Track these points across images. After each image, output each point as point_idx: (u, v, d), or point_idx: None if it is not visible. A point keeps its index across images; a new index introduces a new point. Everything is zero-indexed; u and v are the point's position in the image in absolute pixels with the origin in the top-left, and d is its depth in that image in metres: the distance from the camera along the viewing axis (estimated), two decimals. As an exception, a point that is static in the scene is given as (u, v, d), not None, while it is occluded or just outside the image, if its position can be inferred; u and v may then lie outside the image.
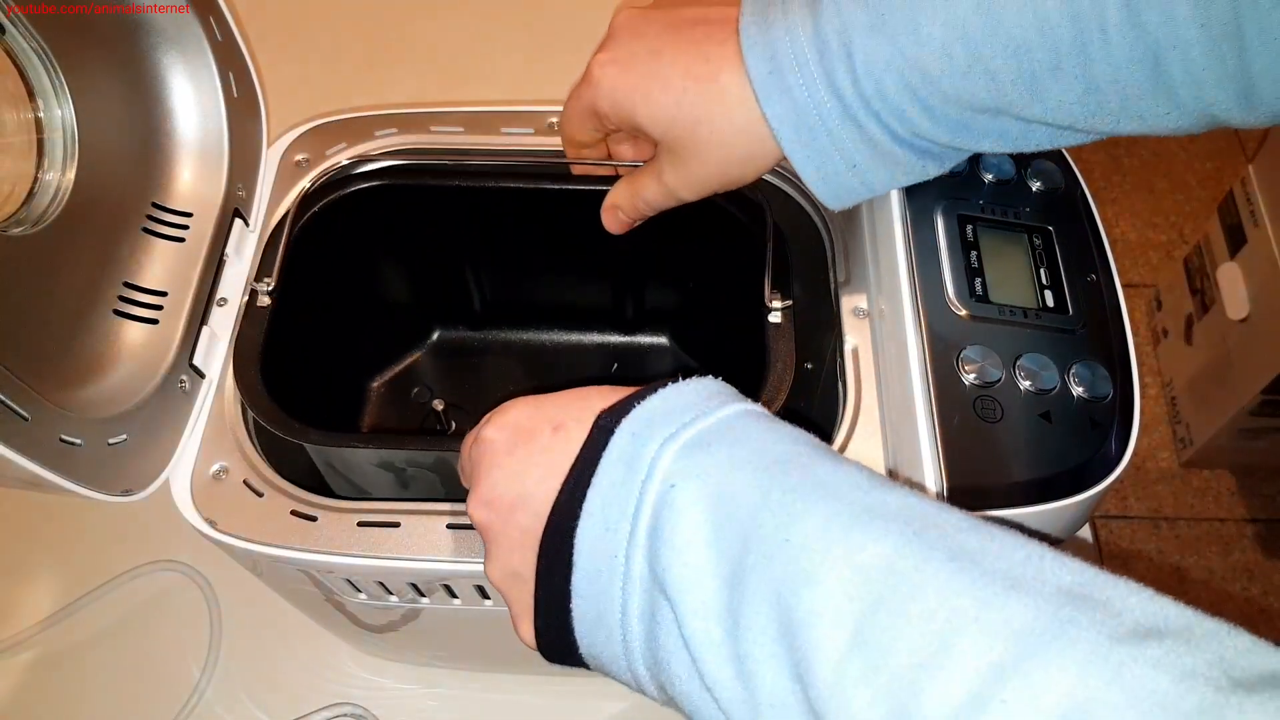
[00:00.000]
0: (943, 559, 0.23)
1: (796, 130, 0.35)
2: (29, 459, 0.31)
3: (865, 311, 0.42)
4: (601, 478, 0.28)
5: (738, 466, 0.27)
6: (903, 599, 0.23)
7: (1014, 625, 0.22)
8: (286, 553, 0.36)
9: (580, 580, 0.28)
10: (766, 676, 0.24)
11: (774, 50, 0.34)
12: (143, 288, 0.41)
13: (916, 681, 0.22)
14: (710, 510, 0.26)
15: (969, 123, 0.34)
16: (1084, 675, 0.20)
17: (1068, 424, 0.35)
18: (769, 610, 0.24)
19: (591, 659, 0.30)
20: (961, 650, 0.22)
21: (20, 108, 0.37)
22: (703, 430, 0.28)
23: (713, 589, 0.26)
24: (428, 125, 0.49)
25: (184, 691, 0.51)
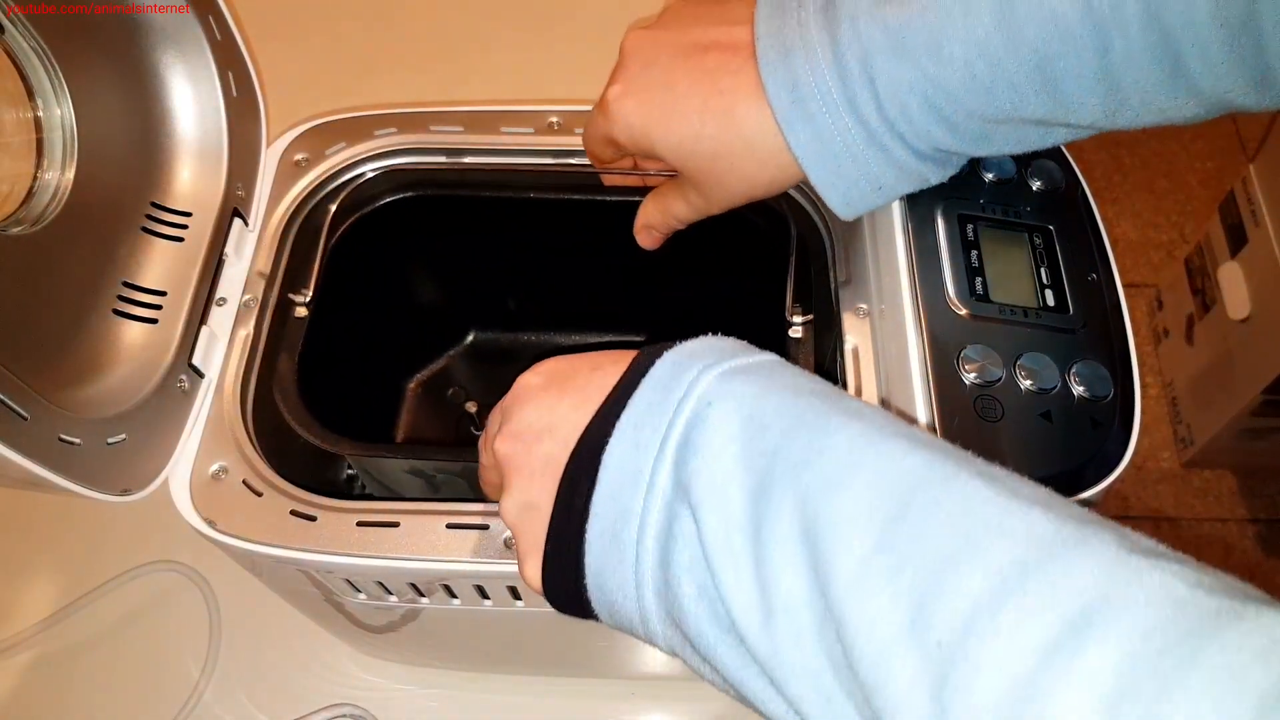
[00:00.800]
0: (970, 475, 0.24)
1: (821, 157, 0.35)
2: (28, 458, 0.31)
3: (865, 311, 0.42)
4: (638, 399, 0.29)
5: (773, 392, 0.27)
6: (931, 505, 0.24)
7: (1037, 532, 0.22)
8: (286, 553, 0.36)
9: (600, 498, 0.28)
10: (784, 581, 0.24)
11: (795, 79, 0.34)
12: (142, 287, 0.41)
13: (939, 576, 0.22)
14: (743, 427, 0.27)
15: (990, 133, 0.35)
16: (1105, 574, 0.21)
17: (1068, 424, 0.35)
18: (793, 516, 0.25)
19: (598, 593, 0.29)
20: (986, 549, 0.22)
21: (19, 107, 0.37)
22: (741, 364, 0.29)
23: (738, 499, 0.26)
24: (427, 125, 0.49)
25: (183, 692, 0.51)
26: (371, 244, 0.49)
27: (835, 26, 0.34)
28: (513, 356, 0.60)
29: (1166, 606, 0.20)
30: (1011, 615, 0.21)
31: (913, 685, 0.22)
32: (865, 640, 0.23)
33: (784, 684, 0.24)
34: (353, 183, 0.48)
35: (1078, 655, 0.20)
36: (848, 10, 0.34)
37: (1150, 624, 0.20)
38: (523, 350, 0.60)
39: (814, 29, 0.34)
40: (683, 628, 0.27)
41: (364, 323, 0.51)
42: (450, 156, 0.48)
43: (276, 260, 0.45)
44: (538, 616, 0.41)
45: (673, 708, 0.52)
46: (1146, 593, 0.20)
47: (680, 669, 0.50)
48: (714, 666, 0.27)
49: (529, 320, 0.60)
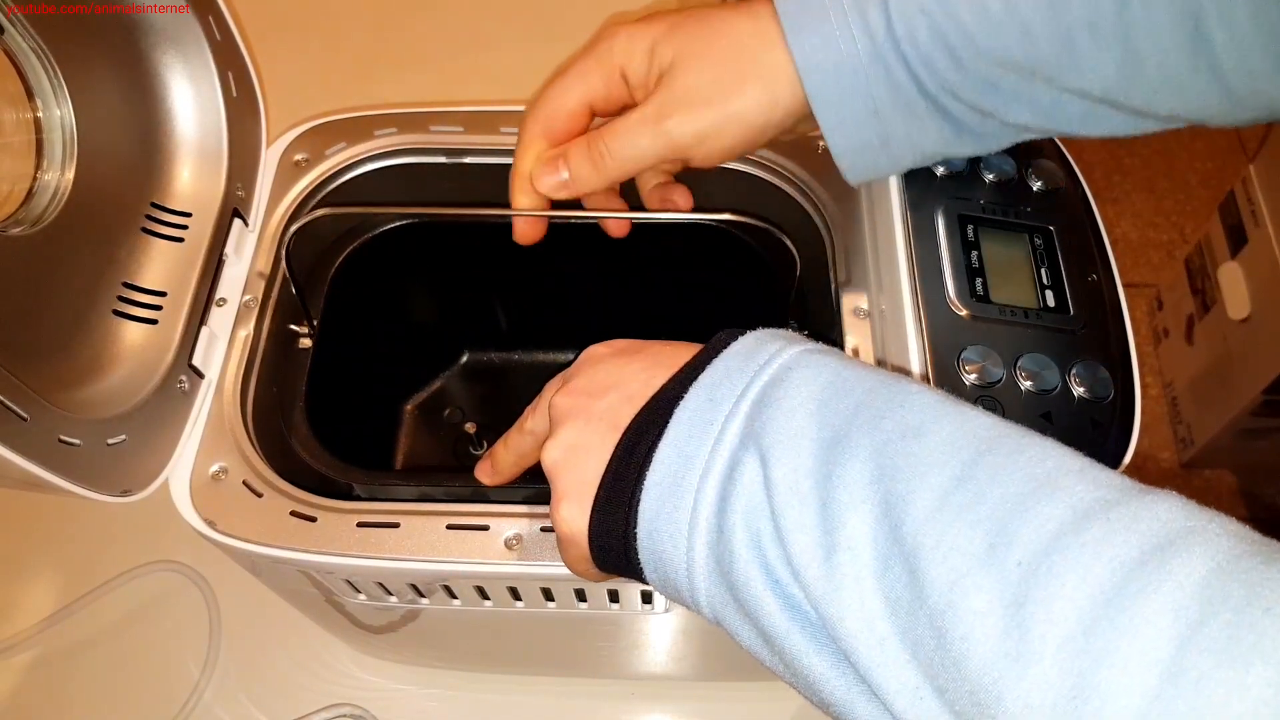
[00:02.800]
0: (1043, 437, 0.25)
1: (822, 70, 0.34)
2: (28, 459, 0.31)
3: (866, 311, 0.42)
4: (718, 364, 0.29)
5: (853, 366, 0.28)
6: (1012, 451, 0.24)
7: (1115, 481, 0.23)
8: (286, 553, 0.36)
9: (666, 445, 0.28)
10: (850, 519, 0.25)
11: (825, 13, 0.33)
12: (142, 288, 0.41)
13: (1021, 506, 0.23)
14: (823, 389, 0.27)
15: (999, 82, 0.33)
16: (1182, 512, 0.22)
17: (1068, 424, 0.35)
18: (868, 460, 0.25)
19: (648, 541, 0.28)
20: (1068, 488, 0.23)
21: (19, 108, 0.37)
22: (822, 347, 0.30)
23: (809, 450, 0.26)
24: (427, 125, 0.49)
25: (183, 692, 0.51)
26: (369, 272, 0.50)
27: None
28: (506, 376, 0.61)
29: (1243, 537, 0.21)
30: (1096, 534, 0.21)
31: (989, 605, 0.22)
32: (940, 567, 0.23)
33: (838, 623, 0.24)
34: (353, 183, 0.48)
35: (1163, 568, 0.20)
36: None
37: (1231, 547, 0.21)
38: (516, 370, 0.61)
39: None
40: (729, 578, 0.27)
41: (364, 349, 0.52)
42: (450, 156, 0.48)
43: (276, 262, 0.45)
44: (538, 616, 0.41)
45: (673, 708, 0.52)
46: (1223, 526, 0.21)
47: (680, 669, 0.50)
48: (757, 622, 0.27)
49: (522, 340, 0.60)
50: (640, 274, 0.46)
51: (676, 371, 0.30)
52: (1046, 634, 0.21)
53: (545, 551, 0.36)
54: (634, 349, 0.32)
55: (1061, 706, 0.20)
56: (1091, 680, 0.20)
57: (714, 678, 0.51)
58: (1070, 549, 0.21)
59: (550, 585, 0.38)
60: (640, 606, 0.40)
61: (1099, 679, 0.20)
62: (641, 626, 0.43)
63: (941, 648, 0.22)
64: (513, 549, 0.36)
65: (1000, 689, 0.21)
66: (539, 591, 0.38)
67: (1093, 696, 0.20)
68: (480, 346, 0.61)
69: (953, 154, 0.36)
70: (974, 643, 0.22)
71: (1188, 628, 0.19)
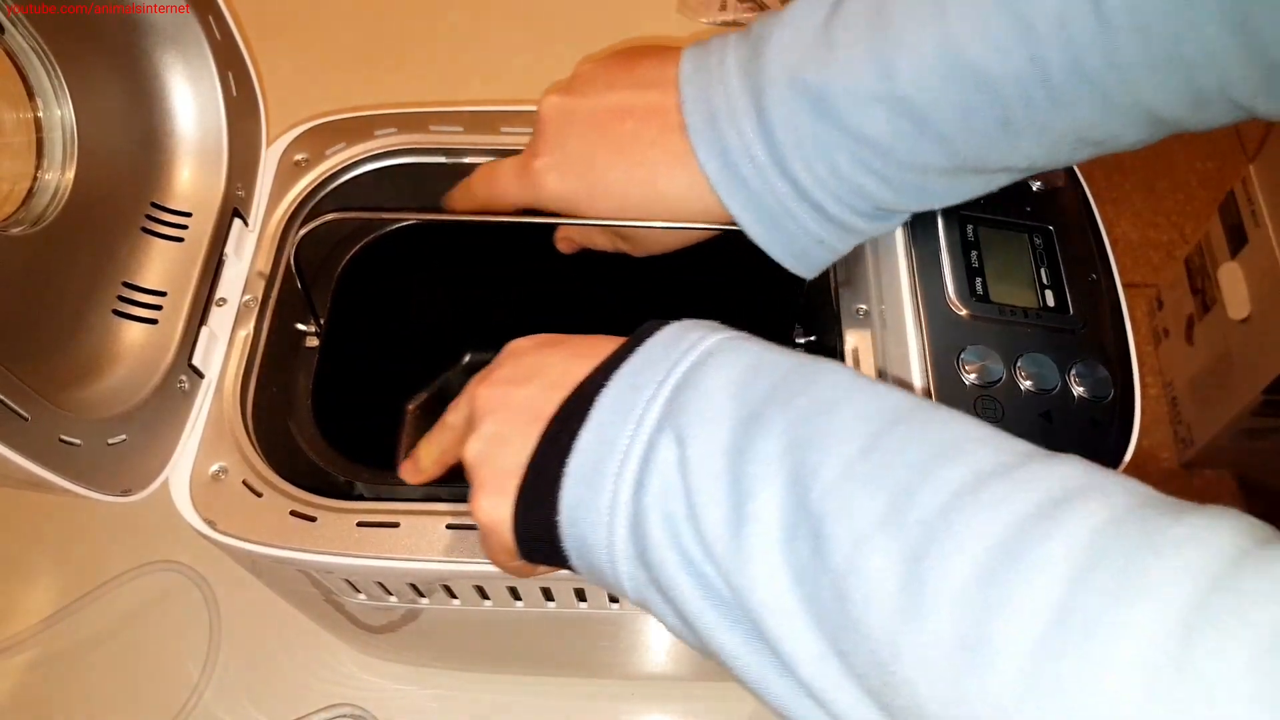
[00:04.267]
0: (954, 411, 0.26)
1: (759, 218, 0.36)
2: (28, 459, 0.31)
3: (865, 312, 0.42)
4: (641, 352, 0.29)
5: (774, 350, 0.29)
6: (919, 423, 0.25)
7: (1020, 448, 0.24)
8: (286, 553, 0.36)
9: (588, 432, 0.28)
10: (758, 493, 0.25)
11: (724, 144, 0.35)
12: (142, 287, 0.41)
13: (923, 471, 0.23)
14: (742, 371, 0.28)
15: (929, 185, 0.35)
16: (1082, 472, 0.23)
17: (1068, 424, 0.35)
18: (780, 435, 0.26)
19: (570, 528, 0.29)
20: (971, 453, 0.23)
21: (19, 107, 0.37)
22: (745, 335, 0.30)
23: (725, 428, 0.26)
24: (427, 125, 0.49)
25: (183, 692, 0.51)
26: (374, 272, 0.50)
27: (759, 91, 0.34)
28: None
29: (1139, 494, 0.22)
30: (996, 492, 0.22)
31: (888, 564, 0.22)
32: (843, 531, 0.23)
33: (748, 595, 0.25)
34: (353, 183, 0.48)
35: (1058, 520, 0.21)
36: (769, 74, 0.34)
37: (1128, 502, 0.21)
38: None
39: (738, 93, 0.34)
40: (646, 561, 0.27)
41: (368, 349, 0.52)
42: (450, 156, 0.48)
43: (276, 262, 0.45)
44: (538, 616, 0.41)
45: (673, 708, 0.52)
46: (1121, 485, 0.22)
47: (680, 669, 0.50)
48: (674, 603, 0.27)
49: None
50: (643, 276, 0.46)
51: (601, 361, 0.30)
52: (941, 588, 0.21)
53: (545, 551, 0.36)
54: (557, 341, 0.33)
55: (956, 657, 0.21)
56: (984, 629, 0.20)
57: (714, 678, 0.51)
58: (968, 507, 0.22)
59: (550, 585, 0.38)
60: (640, 606, 0.40)
61: (991, 628, 0.20)
62: (641, 626, 0.43)
63: (843, 611, 0.23)
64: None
65: (898, 645, 0.22)
66: (539, 591, 0.38)
67: (985, 645, 0.20)
68: (482, 347, 0.61)
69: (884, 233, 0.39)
70: (874, 602, 0.22)
71: (1078, 573, 0.20)
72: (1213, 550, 0.19)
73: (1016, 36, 0.30)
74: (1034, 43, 0.30)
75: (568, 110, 0.38)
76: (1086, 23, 0.29)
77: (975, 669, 0.20)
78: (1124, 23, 0.29)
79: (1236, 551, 0.19)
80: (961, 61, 0.31)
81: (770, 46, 0.34)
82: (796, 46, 0.33)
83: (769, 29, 0.35)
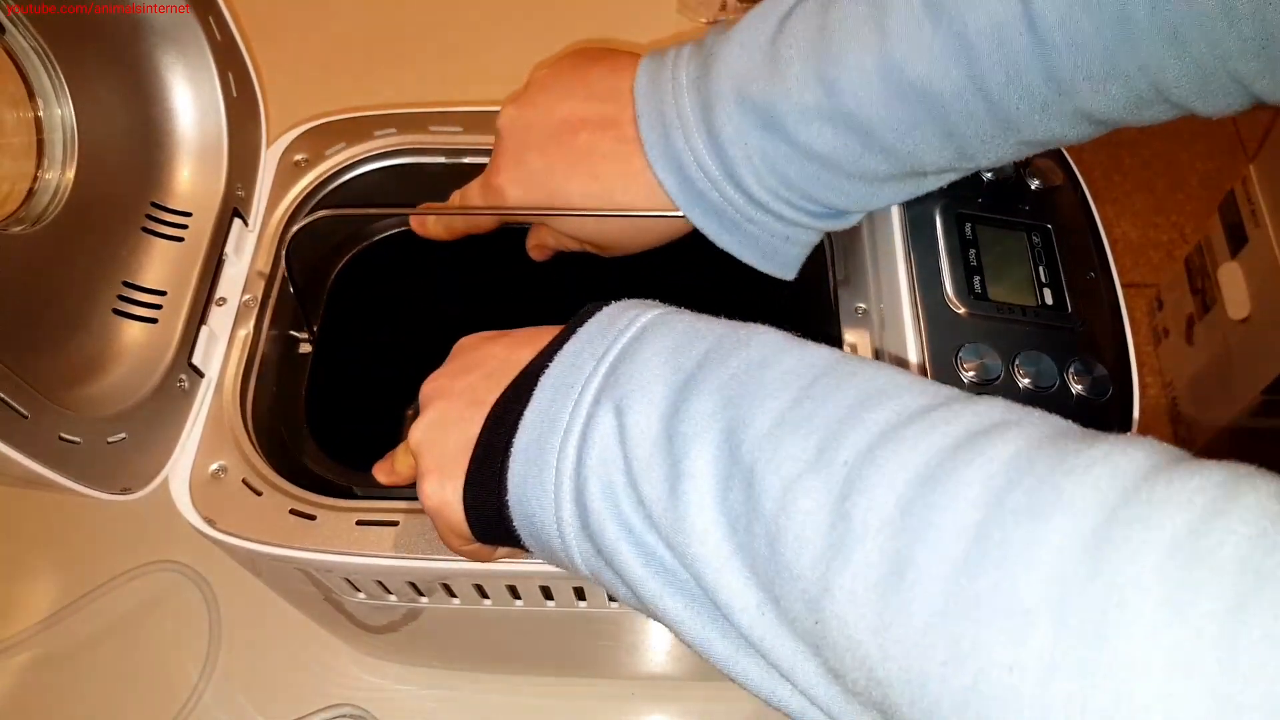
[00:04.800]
0: (882, 364, 0.27)
1: (722, 227, 0.37)
2: (28, 457, 0.31)
3: (864, 310, 0.42)
4: (581, 333, 0.30)
5: (707, 320, 0.30)
6: (846, 374, 0.26)
7: (945, 392, 0.25)
8: (285, 552, 0.36)
9: (531, 412, 0.29)
10: (692, 450, 0.26)
11: (679, 160, 0.36)
12: (142, 287, 0.41)
13: (850, 416, 0.24)
14: (676, 339, 0.29)
15: (879, 190, 0.36)
16: (1003, 408, 0.24)
17: (1067, 422, 0.35)
18: (713, 394, 0.26)
19: (519, 506, 0.29)
20: (896, 396, 0.24)
21: (20, 107, 0.37)
22: (680, 310, 0.31)
23: (661, 393, 0.27)
24: (427, 125, 0.49)
25: (183, 692, 0.51)
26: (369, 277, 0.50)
27: (709, 107, 0.35)
28: None
29: (1057, 426, 0.23)
30: (918, 429, 0.23)
31: (817, 504, 0.23)
32: (773, 477, 0.24)
33: (685, 551, 0.25)
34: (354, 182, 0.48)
35: (976, 449, 0.22)
36: (718, 89, 0.35)
37: (1045, 432, 0.22)
38: None
39: (689, 109, 0.35)
40: (590, 533, 0.28)
41: (363, 354, 0.52)
42: (450, 157, 0.48)
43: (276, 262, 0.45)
44: (537, 615, 0.41)
45: (673, 708, 0.52)
46: (1040, 418, 0.23)
47: (680, 669, 0.50)
48: (619, 572, 0.27)
49: None
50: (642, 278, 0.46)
51: (544, 346, 0.31)
52: (868, 519, 0.22)
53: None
54: (500, 334, 0.33)
55: (880, 586, 0.21)
56: (907, 556, 0.21)
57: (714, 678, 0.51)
58: (891, 443, 0.23)
59: (549, 584, 0.38)
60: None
61: (913, 554, 0.21)
62: (641, 626, 0.43)
63: (776, 556, 0.23)
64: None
65: (827, 581, 0.22)
66: (538, 590, 0.38)
67: (908, 571, 0.21)
68: None
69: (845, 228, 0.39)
70: (804, 543, 0.23)
71: (994, 496, 0.21)
72: (1123, 468, 0.20)
73: (954, 55, 0.31)
74: (972, 61, 0.31)
75: (524, 123, 0.39)
76: (1023, 41, 0.30)
77: (899, 594, 0.21)
78: (1059, 40, 0.30)
79: (1148, 467, 0.20)
80: (903, 79, 0.32)
81: (719, 63, 0.35)
82: (744, 63, 0.34)
83: (719, 45, 0.36)
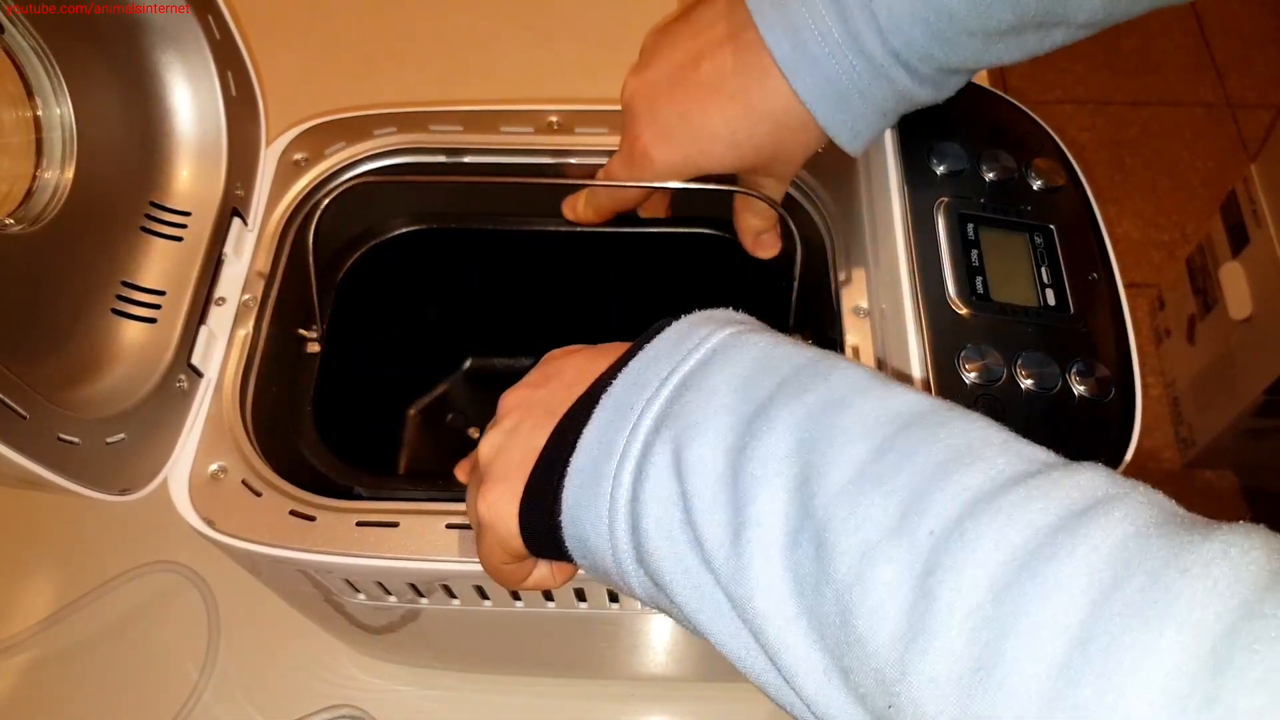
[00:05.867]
0: (971, 413, 0.24)
1: (827, 98, 0.36)
2: (27, 457, 0.31)
3: (866, 310, 0.42)
4: (649, 349, 0.29)
5: (783, 344, 0.28)
6: (935, 425, 0.24)
7: (1040, 456, 0.23)
8: (285, 553, 0.36)
9: (590, 433, 0.28)
10: (760, 495, 0.24)
11: (794, 25, 0.35)
12: (141, 287, 0.41)
13: (938, 476, 0.22)
14: (749, 366, 0.27)
15: (990, 46, 0.35)
16: (1105, 480, 0.21)
17: (1069, 424, 0.34)
18: (785, 434, 0.24)
19: (571, 527, 0.28)
20: (987, 458, 0.22)
21: (19, 107, 0.37)
22: (755, 326, 0.30)
23: (727, 426, 0.25)
24: (427, 124, 0.48)
25: (182, 693, 0.51)
26: (377, 277, 0.50)
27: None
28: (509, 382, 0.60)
29: (1166, 507, 0.21)
30: (1013, 500, 0.21)
31: (898, 576, 0.21)
32: (850, 539, 0.22)
33: (746, 604, 0.24)
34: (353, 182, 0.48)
35: (1079, 533, 0.20)
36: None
37: (1153, 515, 0.20)
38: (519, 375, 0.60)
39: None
40: (648, 566, 0.27)
41: (369, 354, 0.52)
42: (450, 156, 0.48)
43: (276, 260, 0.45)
44: (537, 616, 0.41)
45: (673, 708, 0.52)
46: (1147, 495, 0.21)
47: (680, 669, 0.50)
48: (677, 604, 0.26)
49: (525, 346, 0.60)
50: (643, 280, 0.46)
51: (615, 360, 0.30)
52: (954, 603, 0.20)
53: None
54: (585, 347, 0.33)
55: (966, 680, 0.19)
56: (998, 650, 0.19)
57: (714, 678, 0.51)
58: (984, 515, 0.21)
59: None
60: (640, 606, 0.40)
61: (1006, 648, 0.19)
62: (641, 626, 0.43)
63: (846, 625, 0.21)
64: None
65: (905, 664, 0.20)
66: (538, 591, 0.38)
67: (998, 667, 0.19)
68: (483, 352, 0.61)
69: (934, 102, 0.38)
70: (881, 617, 0.21)
71: (1100, 592, 0.19)
72: (1243, 572, 0.18)
73: None
74: None
75: (648, 85, 0.39)
76: None
77: (987, 692, 0.19)
78: None
79: (1268, 575, 0.18)
80: None
81: None
82: None
83: None
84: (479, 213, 0.51)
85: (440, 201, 0.51)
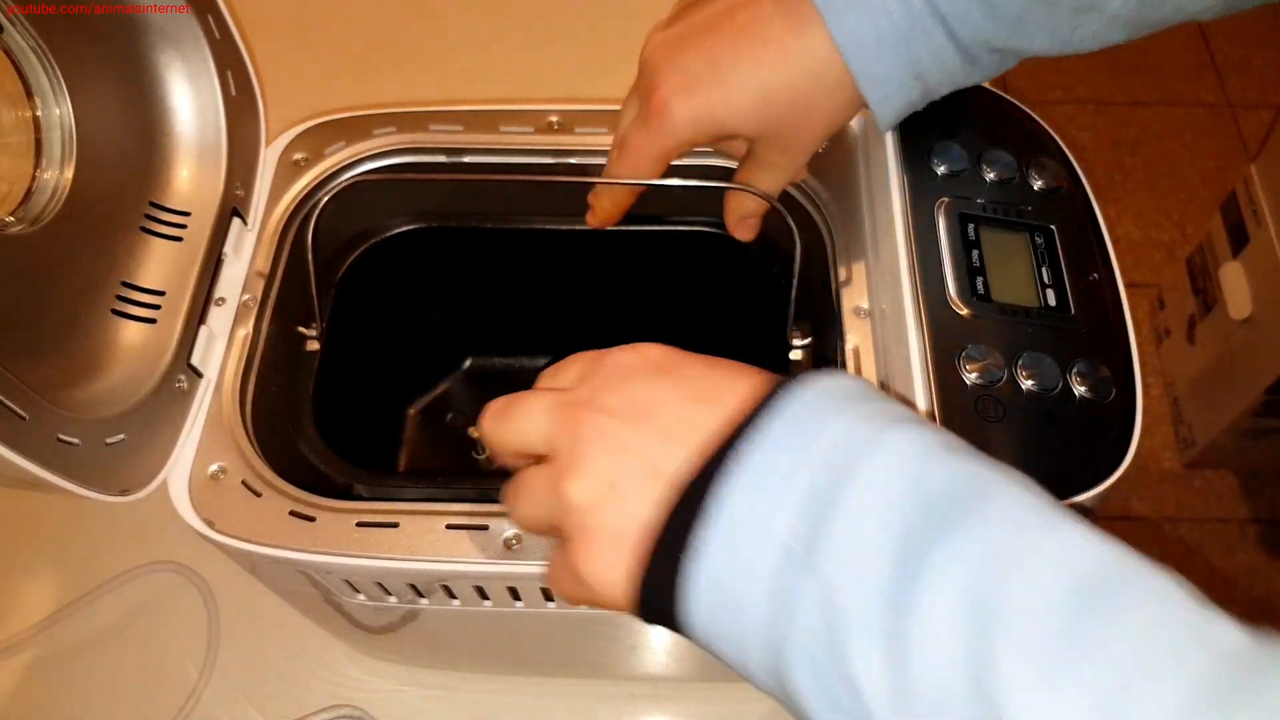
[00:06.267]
0: (1143, 566, 0.22)
1: (864, 44, 0.34)
2: (27, 458, 0.31)
3: (866, 311, 0.42)
4: (771, 440, 0.25)
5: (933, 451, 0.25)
6: (1125, 594, 0.22)
7: (1236, 649, 0.21)
8: (285, 553, 0.36)
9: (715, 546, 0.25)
10: (928, 675, 0.22)
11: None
12: (141, 287, 0.41)
13: (1134, 679, 0.20)
14: (898, 489, 0.24)
15: (1025, 16, 0.34)
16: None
17: (1069, 424, 0.34)
18: (948, 594, 0.22)
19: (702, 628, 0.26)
20: (1183, 660, 0.20)
21: (18, 106, 0.37)
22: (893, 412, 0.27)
23: (883, 572, 0.23)
24: (427, 124, 0.48)
25: (182, 693, 0.51)
26: (376, 276, 0.50)
27: None
28: (509, 381, 0.61)
29: None
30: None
31: None
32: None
33: None
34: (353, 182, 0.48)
35: None
36: None
37: None
38: (519, 375, 0.61)
39: None
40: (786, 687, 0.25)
41: (369, 353, 0.52)
42: (450, 156, 0.48)
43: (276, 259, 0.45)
44: (538, 616, 0.41)
45: (673, 708, 0.52)
46: None
47: (680, 670, 0.50)
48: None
49: (525, 345, 0.60)
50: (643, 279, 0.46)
51: (723, 429, 0.26)
52: None
53: (545, 551, 0.36)
54: (664, 365, 0.29)
55: None
56: None
57: (715, 678, 0.51)
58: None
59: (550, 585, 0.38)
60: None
61: None
62: (642, 627, 0.43)
63: None
64: (512, 549, 0.36)
65: None
66: (539, 591, 0.38)
67: None
68: (483, 351, 0.61)
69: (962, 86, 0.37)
70: None
71: None
72: None
73: None
74: None
75: (674, 37, 0.37)
76: None
77: None
78: None
79: None
80: None
81: None
82: None
83: None
84: (478, 212, 0.51)
85: (440, 201, 0.51)
